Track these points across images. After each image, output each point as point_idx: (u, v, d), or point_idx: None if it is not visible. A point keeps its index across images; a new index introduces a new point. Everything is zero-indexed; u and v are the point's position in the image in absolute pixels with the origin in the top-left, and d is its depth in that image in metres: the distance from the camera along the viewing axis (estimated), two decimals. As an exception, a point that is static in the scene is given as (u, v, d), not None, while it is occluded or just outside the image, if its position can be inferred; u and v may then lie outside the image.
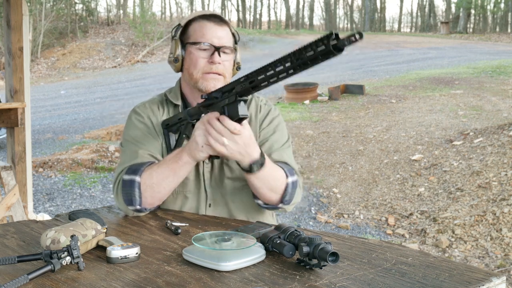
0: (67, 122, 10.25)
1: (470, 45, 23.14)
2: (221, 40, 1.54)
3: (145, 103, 1.66)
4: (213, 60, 1.52)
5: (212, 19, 1.56)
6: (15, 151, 4.06)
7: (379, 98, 10.27)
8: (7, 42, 4.07)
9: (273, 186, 1.47)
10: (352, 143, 6.94)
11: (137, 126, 1.60)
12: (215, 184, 1.59)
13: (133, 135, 1.58)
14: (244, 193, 1.58)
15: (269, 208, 1.56)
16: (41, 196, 5.62)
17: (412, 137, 6.90)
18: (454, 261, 1.24)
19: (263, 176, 1.43)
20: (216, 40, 1.53)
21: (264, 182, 1.45)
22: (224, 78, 1.56)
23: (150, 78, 17.75)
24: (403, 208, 4.82)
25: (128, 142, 1.58)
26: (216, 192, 1.59)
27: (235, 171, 1.57)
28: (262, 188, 1.46)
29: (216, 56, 1.52)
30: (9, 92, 4.06)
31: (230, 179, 1.58)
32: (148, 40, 25.75)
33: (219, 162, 1.58)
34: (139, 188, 1.45)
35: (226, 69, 1.56)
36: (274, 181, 1.47)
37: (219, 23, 1.56)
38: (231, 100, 1.28)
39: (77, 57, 24.11)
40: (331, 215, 4.85)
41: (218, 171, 1.59)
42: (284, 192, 1.50)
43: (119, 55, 24.70)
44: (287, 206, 1.53)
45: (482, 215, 4.21)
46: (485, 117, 7.91)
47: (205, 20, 1.56)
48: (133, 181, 1.45)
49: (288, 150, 1.63)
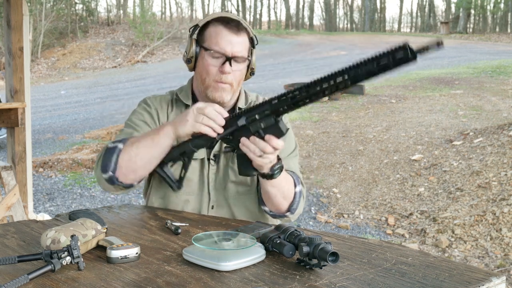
0: (67, 122, 10.25)
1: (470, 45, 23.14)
2: (234, 49, 1.50)
3: (156, 97, 1.66)
4: (223, 70, 1.49)
5: (229, 26, 1.51)
6: (15, 151, 4.07)
7: (379, 98, 10.27)
8: (7, 42, 4.07)
9: (286, 193, 1.47)
10: (352, 143, 6.94)
11: (142, 114, 1.61)
12: (219, 187, 1.58)
13: (135, 120, 1.60)
14: (247, 198, 1.59)
15: (275, 216, 1.55)
16: (41, 196, 5.62)
17: (412, 137, 6.90)
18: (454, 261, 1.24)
19: (279, 183, 1.43)
20: (229, 49, 1.49)
21: (279, 188, 1.45)
22: (231, 87, 1.53)
23: (150, 78, 17.75)
24: (403, 208, 4.82)
25: (128, 125, 1.60)
26: (219, 194, 1.59)
27: (239, 176, 1.55)
28: (276, 196, 1.46)
29: (227, 66, 1.49)
30: (9, 92, 4.06)
31: (234, 183, 1.58)
32: (148, 40, 25.75)
33: (225, 164, 1.58)
34: (118, 154, 1.44)
35: (235, 79, 1.53)
36: (287, 188, 1.47)
37: (236, 32, 1.51)
38: (268, 123, 1.28)
39: (77, 57, 24.11)
40: (331, 215, 4.85)
41: (223, 173, 1.58)
42: (293, 200, 1.50)
43: (119, 55, 24.70)
44: (292, 215, 1.53)
45: (482, 215, 4.21)
46: (485, 117, 7.91)
47: (222, 26, 1.51)
48: (115, 148, 1.45)
49: (295, 159, 1.62)
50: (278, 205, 1.49)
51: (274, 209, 1.51)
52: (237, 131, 1.34)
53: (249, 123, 1.31)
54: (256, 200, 1.61)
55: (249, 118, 1.31)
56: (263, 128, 1.29)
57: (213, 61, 1.51)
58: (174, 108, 1.64)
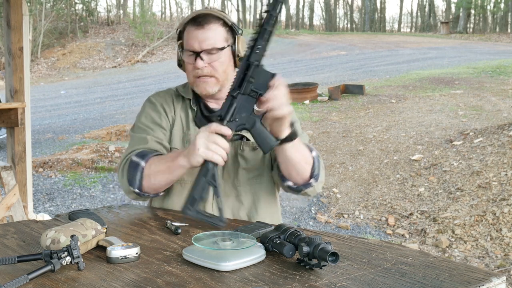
0: (67, 122, 10.25)
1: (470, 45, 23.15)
2: (203, 44, 1.53)
3: (159, 93, 1.71)
4: (196, 66, 1.55)
5: (197, 22, 1.55)
6: (15, 151, 4.06)
7: (379, 98, 10.27)
8: (7, 42, 4.07)
9: (306, 157, 1.47)
10: (352, 143, 6.94)
11: (149, 114, 1.65)
12: (227, 176, 1.60)
13: (146, 122, 1.63)
14: (257, 182, 1.61)
15: (299, 190, 1.52)
16: (41, 196, 5.62)
17: (412, 137, 6.90)
18: (454, 261, 1.24)
19: (299, 145, 1.43)
20: (197, 44, 1.54)
21: (301, 151, 1.44)
22: (215, 79, 1.57)
23: (150, 78, 17.76)
24: (403, 208, 4.82)
25: (139, 128, 1.63)
26: (226, 184, 1.60)
27: (250, 161, 1.59)
28: (300, 162, 1.45)
29: (198, 61, 1.54)
30: (9, 92, 4.06)
31: (245, 169, 1.60)
32: (148, 40, 25.77)
33: (233, 154, 1.58)
34: (141, 172, 1.49)
35: (216, 69, 1.56)
36: (306, 151, 1.47)
37: (201, 26, 1.54)
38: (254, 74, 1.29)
39: (77, 57, 24.12)
40: (331, 215, 4.85)
41: (232, 162, 1.59)
42: (313, 165, 1.49)
43: (119, 55, 24.71)
44: (316, 183, 1.51)
45: (482, 215, 4.21)
46: (485, 117, 7.91)
47: (191, 25, 1.56)
48: (138, 164, 1.50)
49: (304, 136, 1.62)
50: (303, 171, 1.48)
51: (299, 178, 1.49)
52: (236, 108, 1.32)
53: (240, 91, 1.30)
54: (267, 185, 1.63)
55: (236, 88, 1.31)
56: (254, 84, 1.29)
57: (189, 59, 1.58)
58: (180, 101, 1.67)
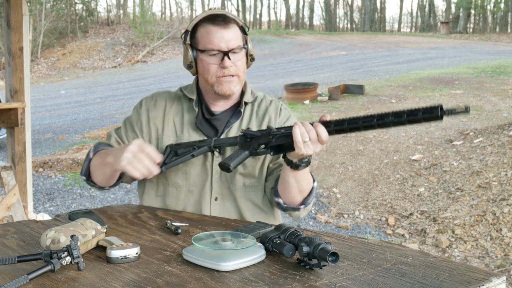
0: (67, 122, 10.25)
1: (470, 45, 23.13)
2: (229, 43, 1.53)
3: (154, 95, 1.71)
4: (224, 65, 1.53)
5: (217, 22, 1.53)
6: (15, 151, 4.06)
7: (379, 98, 10.27)
8: (7, 42, 4.07)
9: (304, 187, 1.51)
10: (352, 143, 6.94)
11: (132, 115, 1.70)
12: (225, 179, 1.59)
13: (125, 121, 1.72)
14: (253, 191, 1.61)
15: (287, 209, 1.57)
16: (41, 196, 5.62)
17: (412, 137, 6.90)
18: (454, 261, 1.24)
19: (301, 176, 1.47)
20: (224, 44, 1.52)
21: (300, 182, 1.48)
22: (238, 78, 1.57)
23: (150, 78, 17.76)
24: (403, 208, 4.82)
25: (123, 125, 1.72)
26: (224, 187, 1.59)
27: (248, 168, 1.59)
28: (294, 188, 1.49)
29: (226, 61, 1.52)
30: (9, 92, 4.06)
31: (242, 175, 1.59)
32: (148, 40, 25.76)
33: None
34: (89, 162, 1.61)
35: (239, 68, 1.57)
36: (306, 182, 1.51)
37: (224, 25, 1.53)
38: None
39: (77, 57, 24.11)
40: (331, 215, 4.85)
41: None
42: (309, 195, 1.53)
43: (119, 55, 24.70)
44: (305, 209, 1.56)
45: (482, 215, 4.21)
46: (485, 117, 7.91)
47: (210, 24, 1.53)
48: (88, 155, 1.62)
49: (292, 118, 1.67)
50: (293, 197, 1.52)
51: (291, 200, 1.53)
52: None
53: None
54: (261, 194, 1.62)
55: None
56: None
57: (212, 59, 1.54)
58: (175, 103, 1.66)
